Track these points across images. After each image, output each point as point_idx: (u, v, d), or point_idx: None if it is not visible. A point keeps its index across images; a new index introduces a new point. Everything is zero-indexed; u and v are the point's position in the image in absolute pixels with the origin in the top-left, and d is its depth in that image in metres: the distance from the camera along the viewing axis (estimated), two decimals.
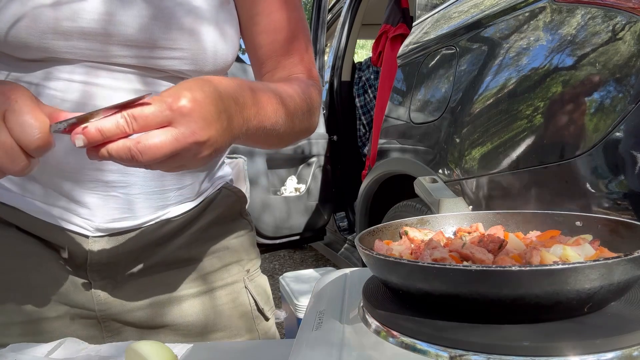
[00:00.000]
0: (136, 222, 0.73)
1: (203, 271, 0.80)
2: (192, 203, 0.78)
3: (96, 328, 0.75)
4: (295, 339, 0.49)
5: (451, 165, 1.73)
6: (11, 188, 0.70)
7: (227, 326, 0.81)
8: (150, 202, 0.72)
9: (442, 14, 2.04)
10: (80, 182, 0.68)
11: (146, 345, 0.57)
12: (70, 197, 0.69)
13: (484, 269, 0.37)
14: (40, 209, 0.70)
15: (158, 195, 0.73)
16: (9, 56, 0.66)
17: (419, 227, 0.60)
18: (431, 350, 0.38)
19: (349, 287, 0.58)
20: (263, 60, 0.78)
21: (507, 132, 1.48)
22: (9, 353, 0.63)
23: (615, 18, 1.24)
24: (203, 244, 0.81)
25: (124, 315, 0.75)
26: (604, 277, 0.37)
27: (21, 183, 0.70)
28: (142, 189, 0.71)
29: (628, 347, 0.35)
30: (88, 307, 0.74)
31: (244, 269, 0.85)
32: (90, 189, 0.69)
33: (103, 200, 0.70)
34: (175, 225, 0.77)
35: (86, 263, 0.72)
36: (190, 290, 0.79)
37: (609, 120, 1.20)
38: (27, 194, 0.70)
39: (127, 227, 0.72)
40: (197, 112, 0.49)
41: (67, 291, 0.73)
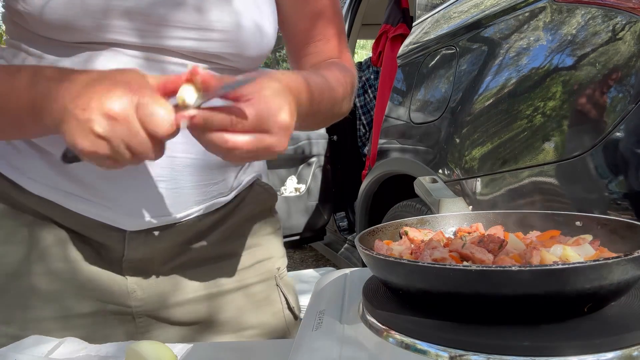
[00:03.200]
0: (173, 218, 0.73)
1: (237, 268, 0.80)
2: (226, 198, 0.78)
3: (131, 324, 0.75)
4: (295, 339, 0.49)
5: (451, 165, 1.73)
6: (49, 183, 0.70)
7: (260, 324, 0.81)
8: (186, 199, 0.73)
9: (442, 14, 2.04)
10: (119, 179, 0.68)
11: (146, 345, 0.57)
12: (110, 193, 0.69)
13: (484, 269, 0.37)
14: (78, 204, 0.70)
15: (194, 191, 0.73)
16: (46, 39, 0.65)
17: (419, 227, 0.60)
18: (431, 350, 0.38)
19: (349, 287, 0.58)
20: (301, 46, 0.80)
21: (507, 132, 1.48)
22: (9, 353, 0.63)
23: (615, 18, 1.24)
24: (236, 240, 0.81)
25: (158, 311, 0.76)
26: (604, 277, 0.37)
27: (59, 179, 0.70)
28: (179, 186, 0.71)
29: (628, 347, 0.35)
30: (124, 303, 0.74)
31: (274, 266, 0.85)
32: (128, 186, 0.69)
33: (141, 197, 0.70)
34: (209, 221, 0.77)
35: (122, 259, 0.73)
36: (224, 286, 0.79)
37: (609, 120, 1.20)
38: (65, 189, 0.70)
39: (164, 223, 0.72)
40: (290, 127, 0.55)
41: (102, 287, 0.73)
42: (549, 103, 1.36)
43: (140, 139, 0.50)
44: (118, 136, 0.50)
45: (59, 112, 0.52)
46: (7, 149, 0.71)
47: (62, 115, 0.51)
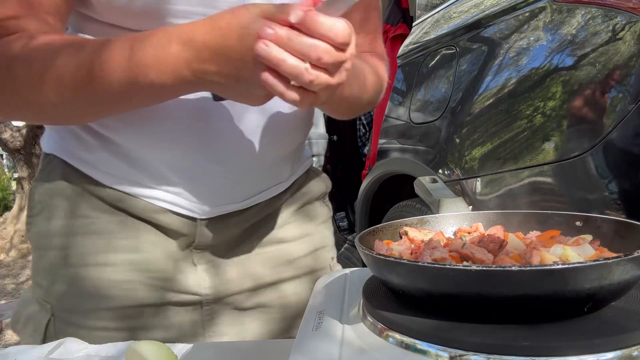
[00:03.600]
0: (240, 204, 0.74)
1: (295, 255, 0.81)
2: (286, 184, 0.80)
3: (197, 312, 0.76)
4: (295, 339, 0.49)
5: (451, 165, 1.73)
6: (120, 175, 0.71)
7: None
8: (252, 185, 0.75)
9: (442, 14, 2.04)
10: (190, 167, 0.70)
11: (146, 345, 0.57)
12: (180, 181, 0.70)
13: (484, 269, 0.37)
14: (151, 193, 0.71)
15: (259, 178, 0.75)
16: (106, 6, 0.64)
17: (419, 227, 0.60)
18: (431, 350, 0.38)
19: (349, 287, 0.58)
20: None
21: (507, 132, 1.48)
22: (10, 353, 0.63)
23: (615, 18, 1.24)
24: (296, 227, 0.83)
25: (223, 297, 0.77)
26: (604, 277, 0.37)
27: (130, 170, 0.70)
28: (247, 173, 0.73)
29: (628, 347, 0.35)
30: (193, 291, 0.75)
31: (329, 255, 0.87)
32: (199, 174, 0.70)
33: (211, 185, 0.71)
34: (271, 208, 0.79)
35: (192, 246, 0.74)
36: (284, 274, 0.80)
37: (609, 120, 1.20)
38: (137, 180, 0.71)
39: (232, 209, 0.74)
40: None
41: (173, 276, 0.74)
42: (549, 103, 1.36)
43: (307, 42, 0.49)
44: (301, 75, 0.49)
45: (190, 81, 0.53)
46: (77, 145, 0.72)
47: (199, 85, 0.53)
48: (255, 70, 0.51)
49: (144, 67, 0.54)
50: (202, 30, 0.53)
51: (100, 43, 0.57)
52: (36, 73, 0.57)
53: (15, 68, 0.57)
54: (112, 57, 0.55)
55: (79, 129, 0.71)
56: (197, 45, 0.53)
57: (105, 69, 0.55)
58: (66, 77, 0.56)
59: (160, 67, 0.54)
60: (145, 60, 0.54)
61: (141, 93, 0.57)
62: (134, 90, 0.56)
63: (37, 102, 0.59)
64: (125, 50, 0.55)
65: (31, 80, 0.57)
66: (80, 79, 0.56)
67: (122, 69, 0.55)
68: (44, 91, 0.57)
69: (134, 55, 0.54)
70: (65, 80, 0.56)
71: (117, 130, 0.68)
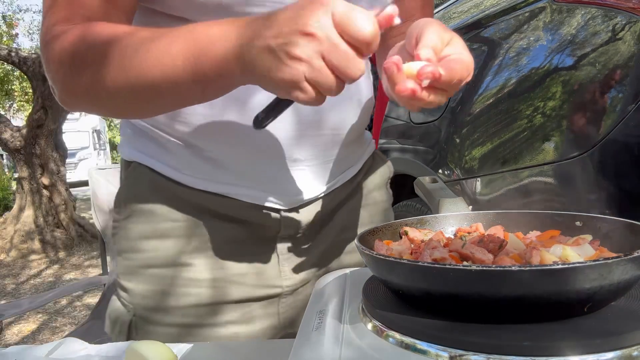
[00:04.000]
0: (320, 191, 0.77)
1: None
2: (355, 168, 0.82)
3: (274, 306, 0.78)
4: (295, 339, 0.49)
5: (451, 165, 1.72)
6: (205, 176, 0.73)
7: None
8: (329, 171, 0.77)
9: (442, 14, 2.04)
10: (271, 161, 0.72)
11: (146, 345, 0.57)
12: (263, 176, 0.72)
13: (484, 269, 0.37)
14: (236, 190, 0.73)
15: (334, 164, 0.77)
16: (187, 21, 0.63)
17: (419, 227, 0.60)
18: (431, 350, 0.38)
19: (349, 287, 0.58)
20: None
21: (507, 132, 1.48)
22: (10, 353, 0.63)
23: (615, 18, 1.24)
24: (365, 211, 0.84)
25: (302, 288, 0.79)
26: (604, 277, 0.37)
27: (214, 170, 0.72)
28: (324, 160, 0.75)
29: (628, 347, 0.35)
30: (275, 284, 0.77)
31: None
32: (280, 166, 0.72)
33: (292, 175, 0.73)
34: (345, 193, 0.81)
35: (276, 238, 0.76)
36: (353, 260, 0.82)
37: (609, 120, 1.20)
38: (221, 179, 0.73)
39: (312, 197, 0.76)
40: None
41: (257, 271, 0.76)
42: (549, 103, 1.36)
43: (342, 51, 0.46)
44: (317, 52, 0.46)
45: (242, 55, 0.49)
46: (161, 152, 0.74)
47: (247, 56, 0.49)
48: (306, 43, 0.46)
49: (206, 42, 0.52)
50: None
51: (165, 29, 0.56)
52: (100, 57, 0.56)
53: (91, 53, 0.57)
54: (174, 35, 0.54)
55: (161, 135, 0.73)
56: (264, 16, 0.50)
57: (165, 48, 0.54)
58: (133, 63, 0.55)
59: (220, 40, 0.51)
60: (209, 34, 0.52)
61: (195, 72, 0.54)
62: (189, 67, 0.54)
63: (107, 87, 0.58)
64: (185, 30, 0.54)
65: (103, 65, 0.57)
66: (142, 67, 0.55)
67: (183, 43, 0.53)
68: (109, 75, 0.57)
69: (195, 31, 0.53)
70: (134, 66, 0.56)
71: (201, 134, 0.70)
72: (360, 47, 0.46)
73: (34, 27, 11.59)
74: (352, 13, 0.45)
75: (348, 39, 0.46)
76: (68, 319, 3.42)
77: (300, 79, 0.47)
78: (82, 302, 3.70)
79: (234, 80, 0.53)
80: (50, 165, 5.41)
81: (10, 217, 5.55)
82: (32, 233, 5.35)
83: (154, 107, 0.62)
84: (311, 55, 0.46)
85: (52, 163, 5.43)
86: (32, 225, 5.38)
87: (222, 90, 0.57)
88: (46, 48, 0.60)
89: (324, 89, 0.47)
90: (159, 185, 0.74)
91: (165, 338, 0.65)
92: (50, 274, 4.61)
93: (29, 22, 21.22)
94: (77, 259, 5.07)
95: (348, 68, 0.46)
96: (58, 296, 2.03)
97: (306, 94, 0.48)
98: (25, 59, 5.20)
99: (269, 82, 0.49)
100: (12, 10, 11.57)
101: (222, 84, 0.55)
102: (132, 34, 0.56)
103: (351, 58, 0.46)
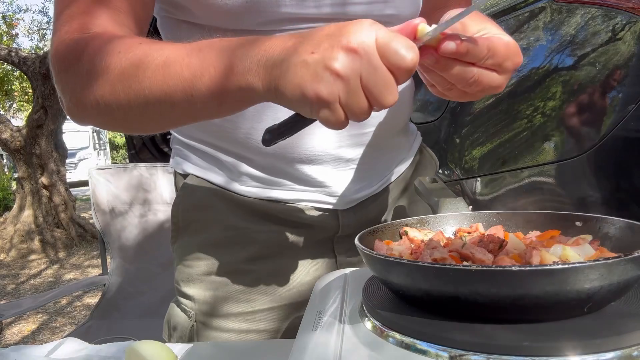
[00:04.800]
0: (374, 188, 0.78)
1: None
2: (405, 164, 0.83)
3: None
4: (295, 339, 0.49)
5: (451, 165, 1.73)
6: (261, 185, 0.74)
7: None
8: (379, 168, 0.78)
9: None
10: (323, 165, 0.72)
11: (146, 345, 0.57)
12: (317, 179, 0.73)
13: (484, 269, 0.37)
14: (294, 196, 0.74)
15: (387, 161, 0.79)
16: (215, 29, 0.64)
17: (419, 227, 0.60)
18: (431, 350, 0.38)
19: (349, 287, 0.58)
20: (429, 13, 0.77)
21: (507, 132, 1.48)
22: (10, 353, 0.63)
23: (615, 18, 1.24)
24: (418, 207, 0.85)
25: None
26: (604, 277, 0.37)
27: (271, 177, 0.74)
28: (371, 156, 0.75)
29: (628, 347, 0.35)
30: None
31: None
32: (332, 168, 0.73)
33: (345, 175, 0.74)
34: (398, 189, 0.82)
35: (334, 239, 0.78)
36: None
37: (609, 121, 1.20)
38: (278, 185, 0.74)
39: (369, 194, 0.77)
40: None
41: (317, 273, 0.76)
42: (549, 103, 1.36)
43: (381, 75, 0.45)
44: (357, 71, 0.44)
45: (269, 68, 0.47)
46: (214, 164, 0.76)
47: (275, 71, 0.47)
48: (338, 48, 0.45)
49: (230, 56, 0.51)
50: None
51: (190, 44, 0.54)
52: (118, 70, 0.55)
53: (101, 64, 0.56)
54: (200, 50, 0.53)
55: (211, 150, 0.75)
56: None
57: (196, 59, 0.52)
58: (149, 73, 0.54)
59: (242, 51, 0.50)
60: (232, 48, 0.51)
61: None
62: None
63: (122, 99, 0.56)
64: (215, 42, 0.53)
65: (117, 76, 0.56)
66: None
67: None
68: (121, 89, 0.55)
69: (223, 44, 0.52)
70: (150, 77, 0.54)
71: (249, 148, 0.71)
72: (399, 75, 0.45)
73: (34, 27, 11.59)
74: (395, 39, 0.45)
75: (388, 65, 0.45)
76: (68, 319, 3.42)
77: (335, 99, 0.45)
78: (82, 302, 3.70)
79: (254, 96, 0.51)
80: (50, 165, 5.41)
81: (10, 217, 5.55)
82: (32, 233, 5.35)
83: (165, 122, 0.61)
84: (350, 73, 0.44)
85: (52, 163, 5.43)
86: (32, 225, 5.38)
87: (239, 106, 0.55)
88: (57, 58, 0.59)
89: (353, 113, 0.46)
90: (216, 195, 0.75)
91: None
92: (50, 274, 4.61)
93: (29, 22, 21.25)
94: (77, 259, 5.07)
95: (383, 94, 0.45)
96: (58, 296, 2.03)
97: (334, 116, 0.46)
98: (25, 59, 5.20)
99: (296, 99, 0.47)
100: (12, 10, 11.57)
101: (240, 98, 0.52)
102: (149, 46, 0.55)
103: (389, 84, 0.45)
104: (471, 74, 0.52)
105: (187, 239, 0.78)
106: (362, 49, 0.44)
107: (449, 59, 0.51)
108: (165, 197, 2.03)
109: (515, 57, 0.54)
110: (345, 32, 0.45)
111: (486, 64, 0.52)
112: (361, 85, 0.45)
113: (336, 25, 0.47)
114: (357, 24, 0.46)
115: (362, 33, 0.45)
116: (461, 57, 0.51)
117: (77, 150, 13.79)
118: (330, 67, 0.44)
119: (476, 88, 0.54)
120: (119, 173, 2.03)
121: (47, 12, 10.53)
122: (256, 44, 0.49)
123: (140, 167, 2.04)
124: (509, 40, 0.54)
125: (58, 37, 0.60)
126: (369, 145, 0.74)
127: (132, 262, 2.04)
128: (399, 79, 0.46)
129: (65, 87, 0.59)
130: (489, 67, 0.52)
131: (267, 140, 0.53)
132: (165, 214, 2.03)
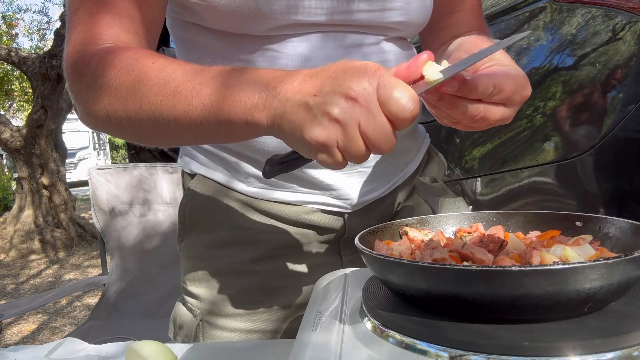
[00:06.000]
0: (380, 192, 0.77)
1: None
2: (414, 165, 0.83)
3: None
4: (295, 339, 0.49)
5: (451, 165, 1.73)
6: (268, 185, 0.74)
7: None
8: (387, 170, 0.77)
9: None
10: (336, 171, 0.72)
11: (146, 345, 0.57)
12: (329, 182, 0.73)
13: (484, 269, 0.37)
14: (302, 198, 0.74)
15: (395, 164, 0.78)
16: (224, 37, 0.64)
17: (419, 227, 0.60)
18: (431, 350, 0.38)
19: (349, 287, 0.58)
20: (441, 17, 0.77)
21: (508, 132, 1.48)
22: (10, 353, 0.63)
23: (615, 18, 1.24)
24: (425, 209, 0.84)
25: None
26: (604, 277, 0.37)
27: (281, 180, 0.73)
28: (381, 160, 0.75)
29: (628, 347, 0.35)
30: None
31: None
32: (340, 172, 0.72)
33: (353, 178, 0.74)
34: (405, 191, 0.82)
35: (340, 241, 0.78)
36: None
37: (609, 120, 1.20)
38: (288, 187, 0.74)
39: (376, 197, 0.77)
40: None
41: (322, 274, 0.76)
42: (549, 103, 1.36)
43: (380, 124, 0.45)
44: (355, 119, 0.45)
45: (272, 106, 0.48)
46: (223, 165, 0.76)
47: (279, 108, 0.47)
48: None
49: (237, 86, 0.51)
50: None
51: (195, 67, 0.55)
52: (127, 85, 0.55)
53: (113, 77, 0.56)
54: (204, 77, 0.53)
55: (220, 152, 0.75)
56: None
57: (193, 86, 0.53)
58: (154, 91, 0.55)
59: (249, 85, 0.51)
60: (240, 78, 0.51)
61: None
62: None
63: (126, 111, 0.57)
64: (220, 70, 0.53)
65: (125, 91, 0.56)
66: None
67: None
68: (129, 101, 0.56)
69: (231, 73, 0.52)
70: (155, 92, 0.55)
71: (259, 152, 0.71)
72: (397, 124, 0.46)
73: (33, 27, 11.59)
74: (397, 89, 0.45)
75: (387, 114, 0.45)
76: (68, 319, 3.42)
77: (332, 144, 0.46)
78: (82, 302, 3.70)
79: (260, 130, 0.51)
80: (50, 165, 5.41)
81: (10, 217, 5.56)
82: (31, 233, 5.35)
83: (175, 141, 0.61)
84: (348, 121, 0.45)
85: (52, 163, 5.43)
86: (32, 225, 5.38)
87: (247, 137, 0.55)
88: (69, 67, 0.59)
89: (351, 157, 0.47)
90: (224, 195, 0.76)
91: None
92: (50, 274, 4.61)
93: (28, 22, 21.24)
94: (77, 259, 5.07)
95: (381, 142, 0.45)
96: (58, 296, 2.03)
97: (331, 159, 0.47)
98: (25, 59, 5.20)
99: (296, 139, 0.47)
100: (12, 10, 11.56)
101: (247, 131, 0.52)
102: (162, 67, 0.55)
103: (386, 133, 0.45)
104: (477, 111, 0.52)
105: (193, 238, 0.78)
106: (363, 98, 0.44)
107: (454, 97, 0.51)
108: (165, 197, 2.03)
109: (523, 90, 0.54)
110: (348, 76, 0.45)
111: (493, 99, 0.52)
112: (359, 131, 0.45)
113: (342, 67, 0.47)
114: (361, 69, 0.46)
115: (365, 80, 0.45)
116: (466, 95, 0.51)
117: (77, 150, 13.80)
118: (329, 113, 0.45)
119: (483, 124, 0.54)
120: (119, 173, 2.03)
121: (47, 12, 10.54)
122: (264, 79, 0.50)
123: (140, 167, 2.04)
124: (517, 73, 0.54)
125: (69, 44, 0.60)
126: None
127: (131, 262, 2.04)
128: (397, 127, 0.46)
129: (78, 96, 0.60)
130: (496, 102, 0.52)
131: (267, 172, 0.54)
132: (165, 214, 2.03)
